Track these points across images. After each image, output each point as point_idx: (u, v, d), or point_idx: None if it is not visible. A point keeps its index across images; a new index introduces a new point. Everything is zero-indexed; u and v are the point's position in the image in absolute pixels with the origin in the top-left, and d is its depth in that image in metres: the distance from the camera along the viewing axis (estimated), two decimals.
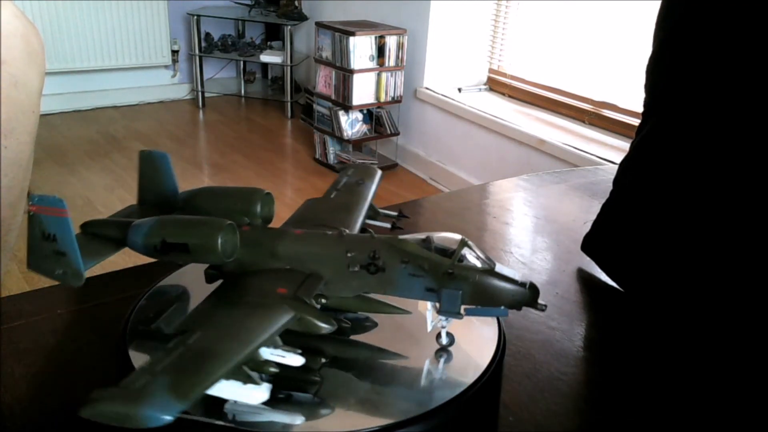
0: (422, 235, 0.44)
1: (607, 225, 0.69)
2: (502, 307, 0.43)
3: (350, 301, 0.45)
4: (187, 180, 3.05)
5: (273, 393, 0.38)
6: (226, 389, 0.36)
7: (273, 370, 0.38)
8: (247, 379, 0.36)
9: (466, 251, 0.43)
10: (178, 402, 0.32)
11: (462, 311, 0.43)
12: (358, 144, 3.28)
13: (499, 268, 0.43)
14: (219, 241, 0.43)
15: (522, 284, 0.43)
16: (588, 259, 0.71)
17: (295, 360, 0.38)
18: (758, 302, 0.55)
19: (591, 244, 0.71)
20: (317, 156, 3.37)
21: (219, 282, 0.46)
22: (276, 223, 0.49)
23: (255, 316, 0.39)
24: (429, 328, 0.46)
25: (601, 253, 0.69)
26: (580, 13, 2.68)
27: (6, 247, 0.44)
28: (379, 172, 0.63)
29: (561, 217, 0.88)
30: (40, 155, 3.22)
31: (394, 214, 0.58)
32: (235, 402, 0.38)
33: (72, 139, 3.48)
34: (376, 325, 0.49)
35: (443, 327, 0.46)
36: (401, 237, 0.44)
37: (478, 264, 0.43)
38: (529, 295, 0.42)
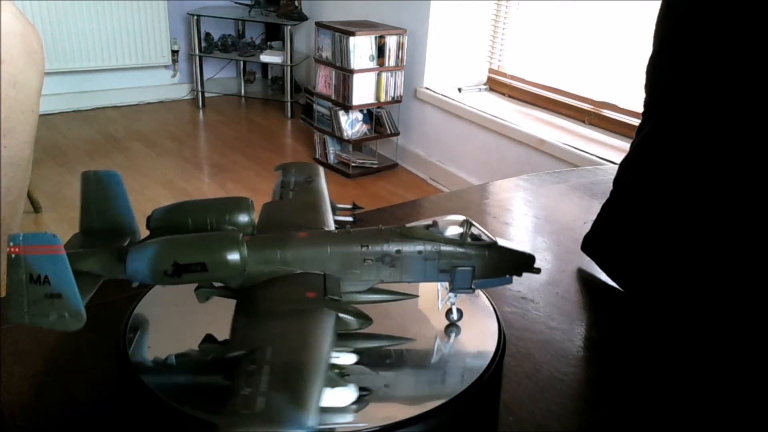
0: (428, 221, 0.47)
1: (607, 225, 0.69)
2: (507, 276, 0.48)
3: (363, 294, 0.46)
4: (187, 180, 3.05)
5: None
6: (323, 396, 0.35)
7: (335, 371, 0.39)
8: (333, 383, 0.37)
9: (472, 230, 0.47)
10: (308, 414, 0.32)
11: (473, 286, 0.47)
12: (358, 144, 3.28)
13: (501, 241, 0.48)
14: (239, 254, 0.42)
15: (521, 253, 0.48)
16: (588, 259, 0.71)
17: (350, 358, 0.40)
18: (758, 302, 0.55)
19: (591, 244, 0.71)
20: (317, 156, 3.37)
21: (212, 298, 0.45)
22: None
23: (309, 322, 0.39)
24: (440, 307, 0.49)
25: (601, 253, 0.69)
26: (580, 13, 2.68)
27: (5, 247, 0.43)
28: (321, 168, 0.63)
29: (561, 217, 0.88)
30: (40, 155, 3.22)
31: (350, 207, 0.57)
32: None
33: (72, 139, 3.48)
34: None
35: (453, 304, 0.49)
36: (409, 225, 0.46)
37: (484, 240, 0.47)
38: (527, 261, 0.48)
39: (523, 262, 0.48)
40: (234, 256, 0.41)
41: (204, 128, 3.94)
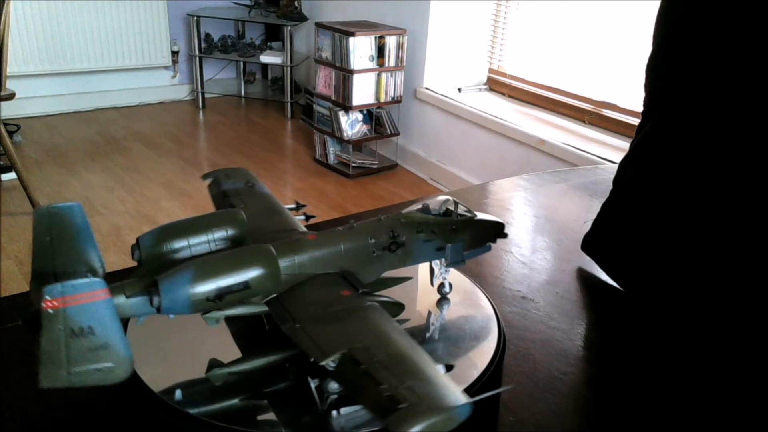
0: (418, 204, 0.50)
1: (607, 224, 0.69)
2: (488, 244, 0.53)
3: (371, 285, 0.47)
4: (187, 181, 3.05)
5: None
6: None
7: None
8: None
9: (459, 207, 0.51)
10: (457, 392, 0.34)
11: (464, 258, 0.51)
12: (358, 144, 3.28)
13: (480, 214, 0.52)
14: (278, 266, 0.42)
15: (495, 222, 0.52)
16: (588, 258, 0.71)
17: None
18: (758, 301, 0.55)
19: (591, 244, 0.71)
20: (317, 156, 3.37)
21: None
22: None
23: (372, 316, 0.41)
24: (435, 284, 0.53)
25: (601, 252, 0.69)
26: (580, 13, 2.68)
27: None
28: (249, 171, 0.62)
29: (561, 216, 0.88)
30: (40, 156, 3.23)
31: (294, 206, 0.57)
32: (339, 414, 0.39)
33: (72, 140, 3.48)
34: None
35: (445, 278, 0.53)
36: (405, 211, 0.49)
37: (468, 215, 0.51)
38: (500, 228, 0.53)
39: (499, 230, 0.53)
40: (274, 269, 0.41)
41: (204, 129, 3.94)
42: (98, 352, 0.34)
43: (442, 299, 0.53)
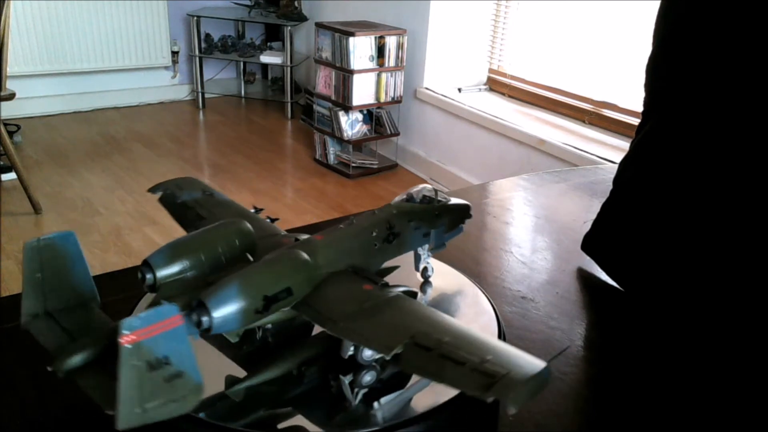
0: (403, 195, 0.52)
1: (607, 224, 0.69)
2: (460, 226, 0.55)
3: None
4: None
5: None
6: None
7: None
8: None
9: (439, 194, 0.53)
10: (536, 360, 0.35)
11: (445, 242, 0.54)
12: (358, 144, 3.29)
13: (453, 199, 0.54)
14: (314, 269, 0.42)
15: (465, 205, 0.55)
16: (588, 258, 0.71)
17: None
18: (758, 301, 0.55)
19: (591, 244, 0.71)
20: (317, 156, 3.37)
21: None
22: None
23: (408, 306, 0.41)
24: (420, 268, 0.55)
25: (601, 252, 0.69)
26: (580, 13, 2.68)
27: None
28: (198, 179, 0.60)
29: (561, 216, 0.88)
30: (40, 156, 3.23)
31: (254, 210, 0.58)
32: (380, 404, 0.41)
33: (72, 141, 3.48)
34: None
35: (428, 263, 0.55)
36: (393, 203, 0.51)
37: (444, 200, 0.53)
38: (468, 209, 0.55)
39: (467, 212, 0.56)
40: (311, 272, 0.42)
41: (204, 129, 3.94)
42: (174, 382, 0.32)
43: (425, 283, 0.55)
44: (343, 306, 0.41)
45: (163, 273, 0.40)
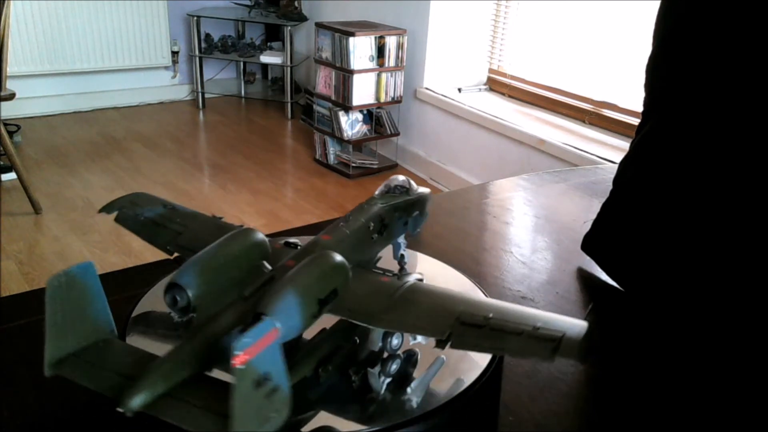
0: (383, 187, 0.53)
1: (607, 224, 0.69)
2: (427, 212, 0.56)
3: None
4: (187, 181, 3.05)
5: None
6: None
7: None
8: None
9: (411, 183, 0.54)
10: (575, 319, 0.39)
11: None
12: (358, 144, 3.29)
13: (418, 187, 0.56)
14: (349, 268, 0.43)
15: (428, 193, 0.56)
16: (588, 258, 0.71)
17: None
18: (758, 301, 0.55)
19: (591, 244, 0.70)
20: (317, 156, 3.37)
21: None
22: None
23: (437, 289, 0.43)
24: (398, 256, 0.55)
25: (601, 252, 0.69)
26: (580, 13, 2.68)
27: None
28: (146, 192, 0.58)
29: (561, 216, 0.88)
30: (40, 157, 3.23)
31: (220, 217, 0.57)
32: (412, 388, 0.42)
33: (72, 141, 3.48)
34: None
35: (405, 251, 0.56)
36: (377, 195, 0.52)
37: (416, 188, 0.55)
38: (428, 198, 0.56)
39: (430, 199, 0.57)
40: (348, 271, 0.42)
41: (204, 129, 3.94)
42: (273, 397, 0.32)
43: (401, 269, 0.57)
44: (375, 300, 0.42)
45: (197, 293, 0.39)
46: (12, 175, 2.69)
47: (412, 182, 0.56)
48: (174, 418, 0.33)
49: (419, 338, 0.42)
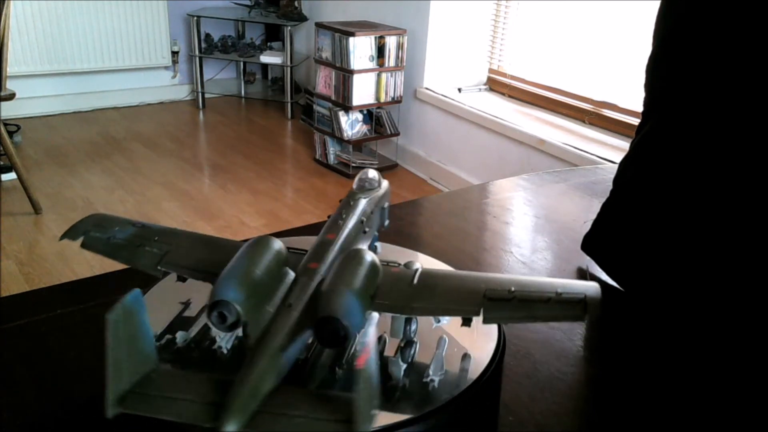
0: (360, 183, 0.54)
1: (607, 224, 0.69)
2: (389, 204, 0.57)
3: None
4: (187, 181, 3.05)
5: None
6: None
7: None
8: None
9: (380, 177, 0.56)
10: (586, 281, 0.43)
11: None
12: (358, 144, 3.29)
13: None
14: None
15: (387, 185, 0.57)
16: (588, 258, 0.71)
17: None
18: (758, 301, 0.55)
19: (591, 244, 0.70)
20: (317, 156, 3.37)
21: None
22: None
23: (448, 272, 0.45)
24: (373, 248, 0.56)
25: (601, 252, 0.69)
26: (580, 13, 2.68)
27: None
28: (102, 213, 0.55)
29: (561, 216, 0.88)
30: (40, 157, 3.23)
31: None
32: (431, 370, 0.43)
33: (72, 141, 3.48)
34: None
35: (378, 243, 0.57)
36: (355, 189, 0.53)
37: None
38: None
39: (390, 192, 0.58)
40: (378, 264, 0.43)
41: (204, 129, 3.94)
42: (375, 393, 0.35)
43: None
44: (401, 290, 0.42)
45: (246, 306, 0.38)
46: (12, 175, 2.69)
47: (380, 175, 0.57)
48: (276, 427, 0.34)
49: (444, 320, 0.45)
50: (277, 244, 0.43)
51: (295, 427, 0.34)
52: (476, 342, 0.49)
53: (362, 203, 0.51)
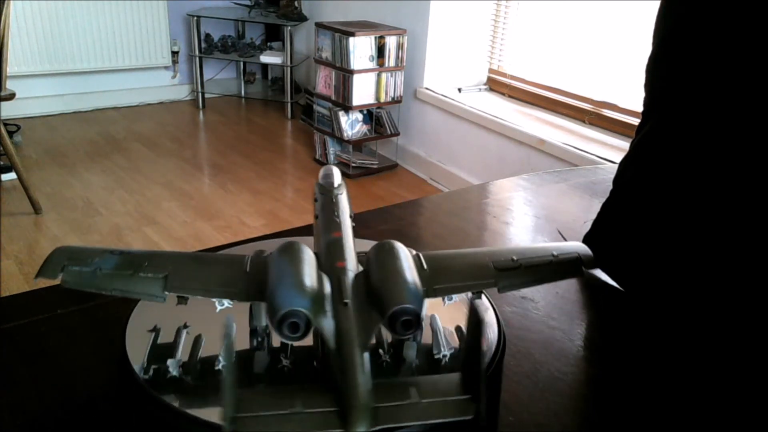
0: (329, 179, 0.57)
1: (607, 224, 0.69)
2: None
3: None
4: (187, 181, 3.05)
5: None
6: None
7: None
8: None
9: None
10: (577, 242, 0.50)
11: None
12: (358, 144, 3.29)
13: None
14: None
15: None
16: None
17: None
18: (758, 301, 0.55)
19: (591, 244, 0.70)
20: (317, 156, 3.37)
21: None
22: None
23: (450, 252, 0.48)
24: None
25: (601, 252, 0.69)
26: (580, 13, 2.68)
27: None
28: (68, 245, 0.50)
29: (561, 216, 0.88)
30: (40, 157, 3.23)
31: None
32: (440, 346, 0.46)
33: (72, 141, 3.48)
34: None
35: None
36: (334, 186, 0.55)
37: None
38: None
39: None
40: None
41: (204, 129, 3.94)
42: None
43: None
44: (413, 276, 0.43)
45: (313, 312, 0.39)
46: (12, 175, 2.69)
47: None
48: (415, 417, 0.36)
49: (455, 298, 0.47)
50: (305, 248, 0.44)
51: (421, 414, 0.36)
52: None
53: (342, 199, 0.54)
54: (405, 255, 0.44)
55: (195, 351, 0.46)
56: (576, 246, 0.49)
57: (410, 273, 0.42)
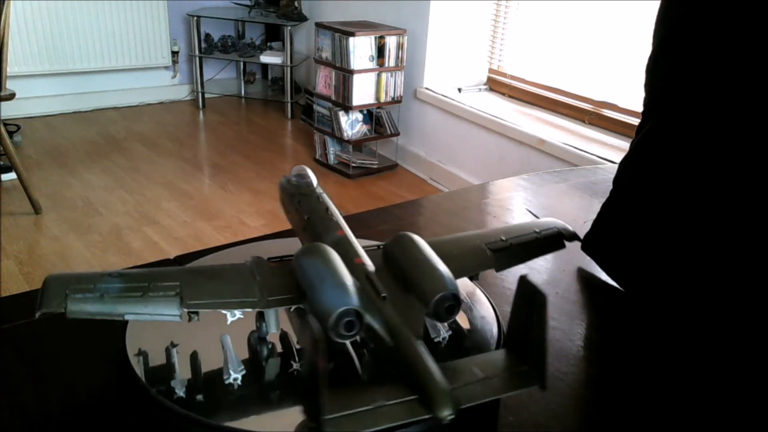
0: (305, 178, 0.57)
1: (607, 224, 0.69)
2: None
3: None
4: (187, 181, 3.05)
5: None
6: None
7: None
8: None
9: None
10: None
11: None
12: (358, 144, 3.29)
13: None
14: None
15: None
16: (588, 258, 0.71)
17: None
18: (758, 301, 0.55)
19: (591, 244, 0.70)
20: (317, 156, 3.37)
21: None
22: None
23: (437, 240, 0.50)
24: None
25: (601, 252, 0.69)
26: (580, 13, 2.68)
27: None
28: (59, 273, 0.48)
29: (561, 216, 0.87)
30: (40, 157, 3.23)
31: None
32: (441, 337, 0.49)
33: (72, 141, 3.48)
34: None
35: None
36: (314, 185, 0.56)
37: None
38: None
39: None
40: None
41: (204, 129, 3.94)
42: None
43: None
44: (443, 264, 0.45)
45: (364, 309, 0.40)
46: (12, 175, 2.69)
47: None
48: (492, 393, 0.39)
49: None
50: (328, 248, 0.44)
51: (493, 391, 0.39)
52: (476, 342, 0.49)
53: (326, 197, 0.55)
54: (426, 245, 0.46)
55: (196, 368, 0.45)
56: (553, 222, 0.52)
57: (439, 261, 0.44)
